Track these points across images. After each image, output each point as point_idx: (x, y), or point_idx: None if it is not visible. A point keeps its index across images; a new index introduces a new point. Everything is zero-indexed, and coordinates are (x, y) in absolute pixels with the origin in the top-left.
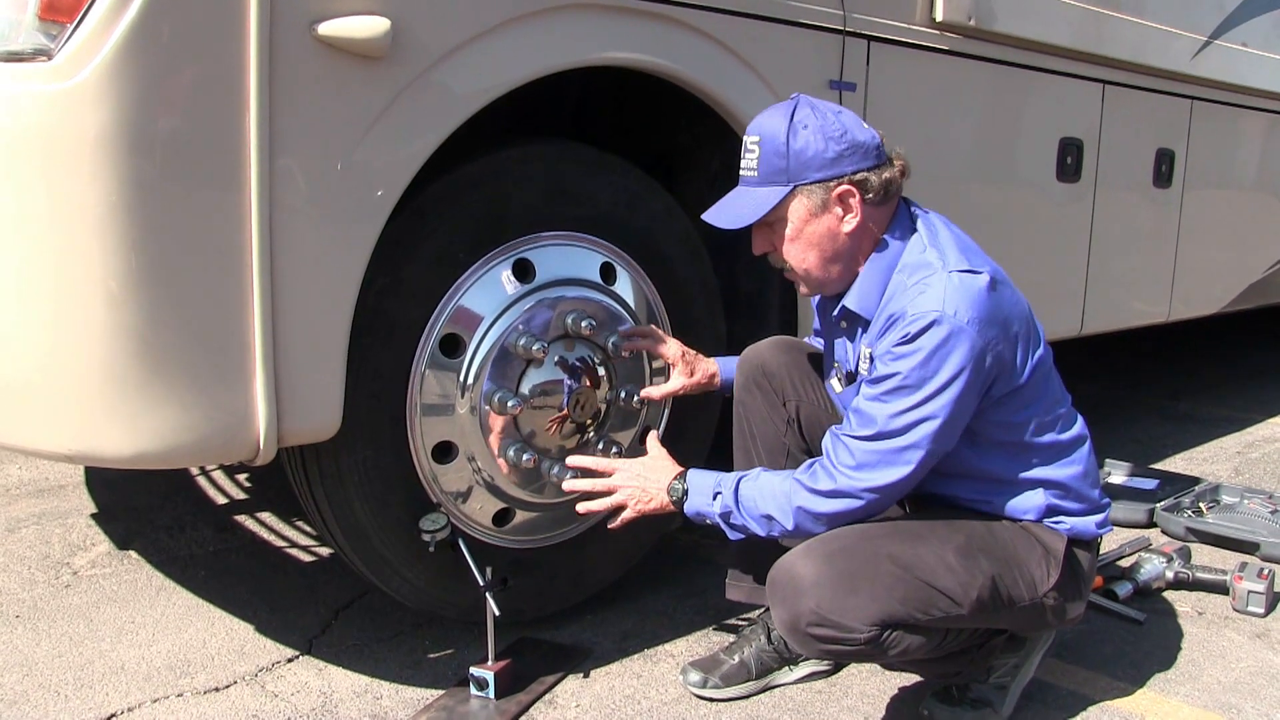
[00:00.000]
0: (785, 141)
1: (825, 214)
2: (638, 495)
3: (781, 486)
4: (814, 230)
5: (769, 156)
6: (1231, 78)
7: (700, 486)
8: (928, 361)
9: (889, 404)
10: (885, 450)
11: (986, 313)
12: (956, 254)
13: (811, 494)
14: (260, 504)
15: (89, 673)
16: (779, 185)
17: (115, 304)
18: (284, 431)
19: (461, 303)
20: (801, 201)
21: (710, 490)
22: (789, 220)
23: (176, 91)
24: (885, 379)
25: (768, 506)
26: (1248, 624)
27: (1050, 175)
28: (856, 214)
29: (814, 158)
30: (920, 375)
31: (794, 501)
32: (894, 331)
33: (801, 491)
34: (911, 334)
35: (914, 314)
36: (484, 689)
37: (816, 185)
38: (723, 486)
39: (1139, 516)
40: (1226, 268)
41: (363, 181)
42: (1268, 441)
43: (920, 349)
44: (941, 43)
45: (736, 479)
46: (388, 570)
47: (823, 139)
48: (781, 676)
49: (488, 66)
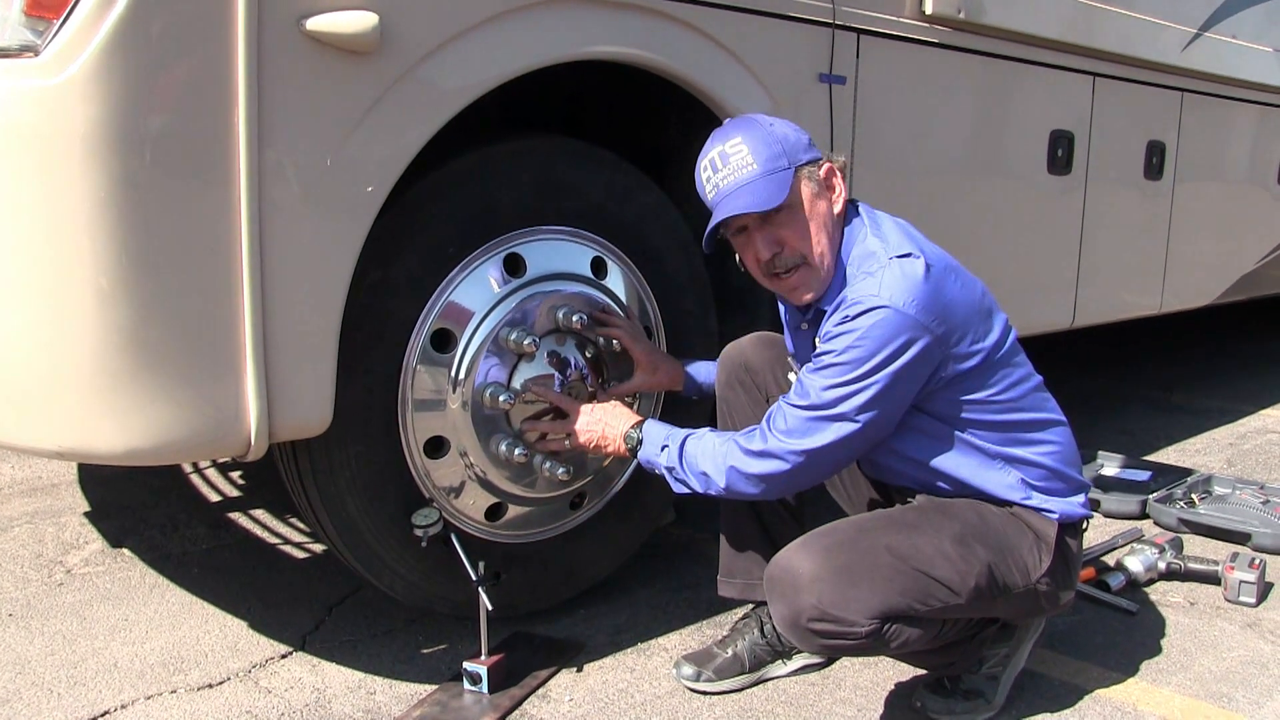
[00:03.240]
0: (768, 132)
1: (825, 192)
2: (594, 438)
3: (721, 447)
4: (820, 210)
5: (761, 147)
6: (1221, 69)
7: (653, 437)
8: (861, 342)
9: (823, 378)
10: (815, 419)
11: (925, 298)
12: (897, 240)
13: (744, 454)
14: (253, 501)
15: (82, 670)
16: (783, 170)
17: (105, 300)
18: (275, 427)
19: (452, 298)
20: (805, 181)
21: (660, 442)
22: (802, 201)
23: (164, 87)
24: (823, 354)
25: (705, 464)
26: (1239, 614)
27: (1041, 168)
28: (842, 191)
29: (796, 143)
30: (854, 355)
31: (728, 461)
32: (836, 314)
33: (736, 451)
34: (850, 315)
35: (854, 298)
36: (477, 683)
37: (810, 165)
38: (670, 440)
39: (1131, 508)
40: (1218, 259)
41: (352, 177)
42: (1259, 433)
43: (855, 329)
44: (931, 35)
45: (684, 435)
46: (380, 566)
47: (792, 129)
48: (775, 669)
49: (476, 61)
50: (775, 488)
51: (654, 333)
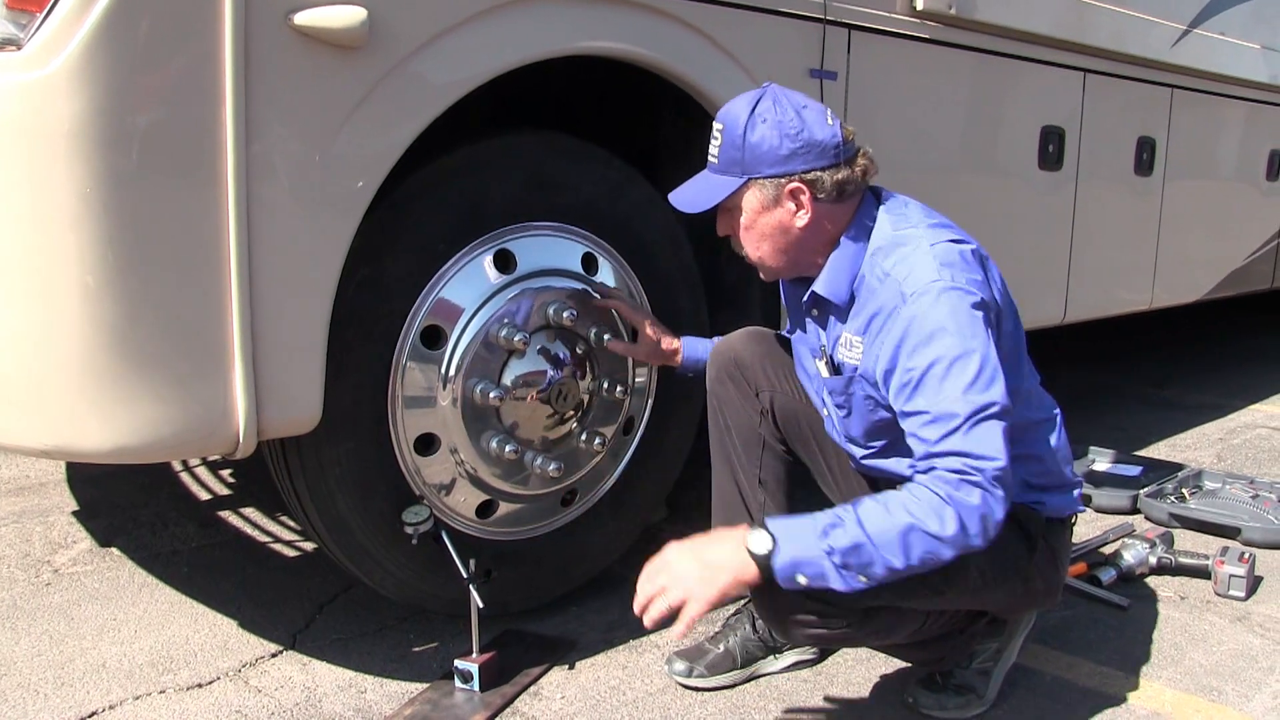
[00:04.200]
0: (742, 133)
1: (777, 208)
2: (696, 580)
3: (915, 493)
4: (766, 222)
5: (727, 146)
6: (1210, 66)
7: (795, 530)
8: (944, 332)
9: (952, 385)
10: (975, 423)
11: (975, 272)
12: (929, 227)
13: (931, 511)
14: (243, 499)
15: (69, 671)
16: (734, 176)
17: (92, 297)
18: (264, 424)
19: (442, 294)
20: (755, 193)
21: (815, 529)
22: (743, 210)
23: (150, 81)
24: (927, 368)
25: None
26: (1229, 607)
27: (1032, 164)
28: (808, 210)
29: (767, 153)
30: (951, 347)
31: (924, 527)
32: (896, 322)
33: (918, 515)
34: (918, 317)
35: (913, 290)
36: (469, 681)
37: (768, 180)
38: (839, 518)
39: (1123, 503)
40: (1208, 255)
41: (341, 172)
42: (1249, 428)
43: (941, 325)
44: (922, 31)
45: (849, 506)
46: (371, 564)
47: (778, 135)
48: (767, 666)
49: (466, 56)
50: (994, 519)
51: None
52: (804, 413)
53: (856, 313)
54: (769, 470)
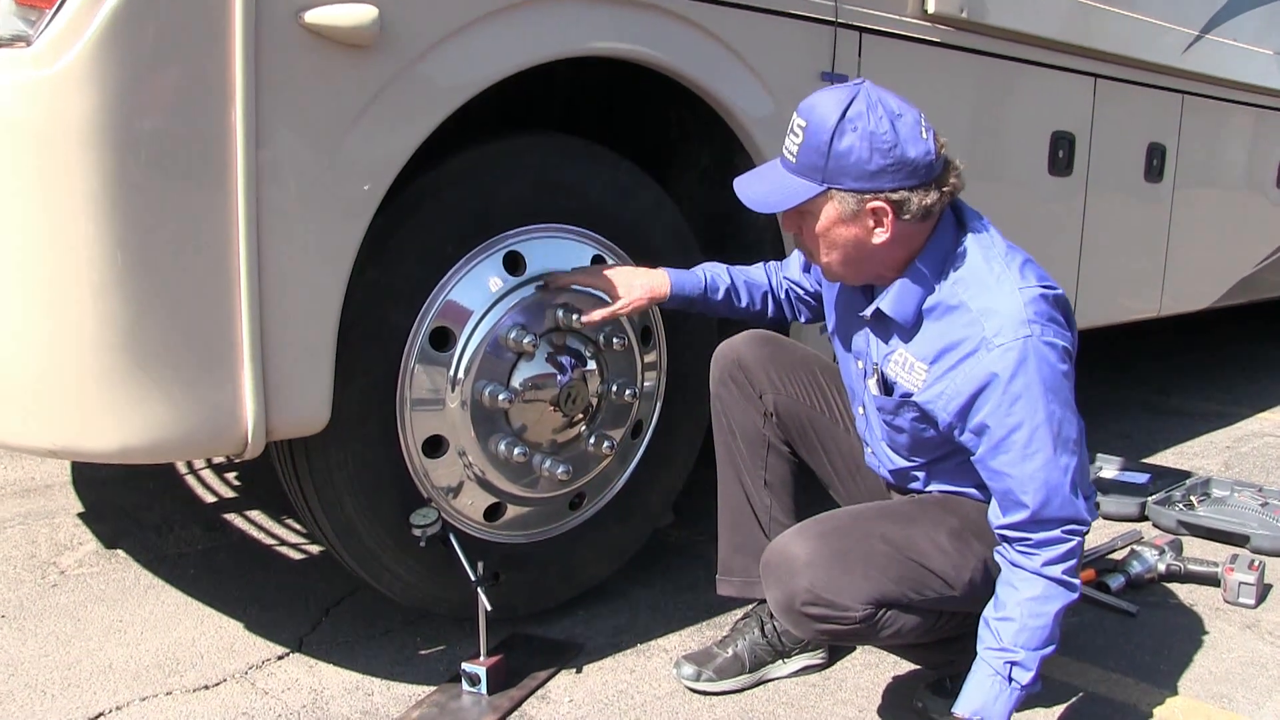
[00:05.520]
0: (829, 140)
1: (856, 223)
2: None
3: (1030, 590)
4: (841, 234)
5: (809, 149)
6: (1222, 72)
7: (978, 691)
8: (1039, 390)
9: (1038, 453)
10: (1065, 485)
11: (1060, 321)
12: (1019, 267)
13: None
14: (249, 502)
15: (76, 672)
16: (813, 181)
17: (100, 297)
18: (272, 425)
19: (451, 296)
20: (833, 204)
21: (993, 678)
22: (819, 217)
23: (160, 79)
24: (1014, 431)
25: (1039, 623)
26: (1239, 615)
27: (1042, 169)
28: (888, 230)
29: (854, 165)
30: (1044, 406)
31: (1047, 604)
32: (975, 368)
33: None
34: (1008, 368)
35: (999, 340)
36: (476, 684)
37: (850, 194)
38: (1004, 657)
39: (1131, 510)
40: (1217, 263)
41: (350, 173)
42: (1256, 436)
43: (1028, 386)
44: (933, 35)
45: (997, 643)
46: (378, 566)
47: (868, 148)
48: (775, 670)
49: (476, 57)
50: (1078, 555)
51: (653, 331)
52: (808, 415)
53: (924, 337)
54: (774, 472)
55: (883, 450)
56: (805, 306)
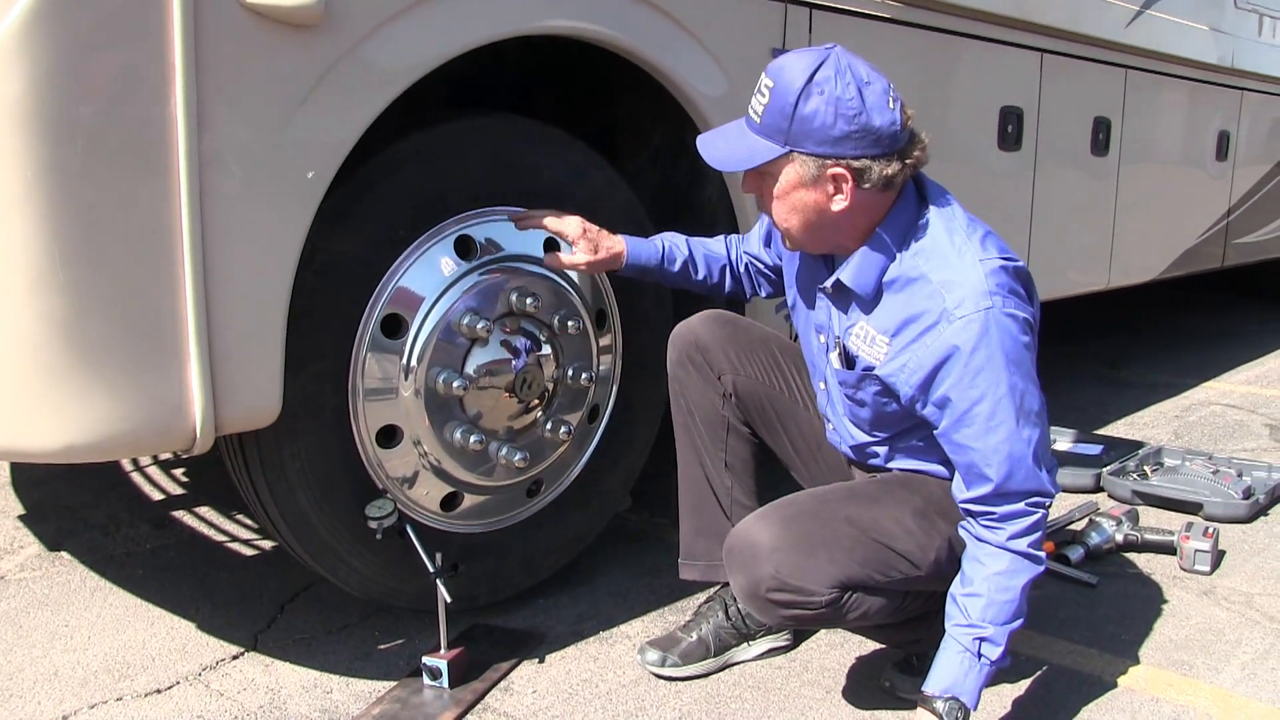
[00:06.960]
0: (795, 102)
1: (815, 187)
2: None
3: (995, 580)
4: (801, 198)
5: (774, 110)
6: (1163, 47)
7: (948, 668)
8: (1001, 361)
9: (1001, 426)
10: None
11: (1022, 293)
12: (980, 239)
13: (1008, 551)
14: (198, 498)
15: (18, 681)
16: (775, 143)
17: (37, 291)
18: (221, 419)
19: (402, 282)
20: (794, 167)
21: (963, 655)
22: (779, 179)
23: (96, 61)
24: (977, 404)
25: (1007, 601)
26: (1195, 582)
27: (992, 144)
28: (847, 198)
29: (818, 129)
30: (1005, 378)
31: (1014, 578)
32: (937, 340)
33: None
34: (969, 341)
35: (960, 312)
36: (437, 678)
37: (811, 158)
38: (972, 633)
39: (1086, 481)
40: (1162, 235)
41: (296, 158)
42: (1203, 405)
43: (990, 358)
44: (883, 10)
45: (965, 619)
46: (334, 560)
47: (833, 113)
48: (740, 653)
49: (424, 36)
50: (1042, 527)
51: (608, 314)
52: (767, 395)
53: (885, 310)
54: (735, 454)
55: (844, 425)
56: (765, 280)
